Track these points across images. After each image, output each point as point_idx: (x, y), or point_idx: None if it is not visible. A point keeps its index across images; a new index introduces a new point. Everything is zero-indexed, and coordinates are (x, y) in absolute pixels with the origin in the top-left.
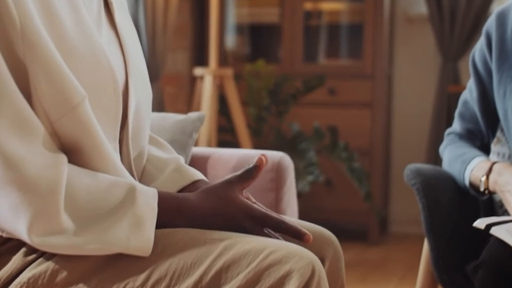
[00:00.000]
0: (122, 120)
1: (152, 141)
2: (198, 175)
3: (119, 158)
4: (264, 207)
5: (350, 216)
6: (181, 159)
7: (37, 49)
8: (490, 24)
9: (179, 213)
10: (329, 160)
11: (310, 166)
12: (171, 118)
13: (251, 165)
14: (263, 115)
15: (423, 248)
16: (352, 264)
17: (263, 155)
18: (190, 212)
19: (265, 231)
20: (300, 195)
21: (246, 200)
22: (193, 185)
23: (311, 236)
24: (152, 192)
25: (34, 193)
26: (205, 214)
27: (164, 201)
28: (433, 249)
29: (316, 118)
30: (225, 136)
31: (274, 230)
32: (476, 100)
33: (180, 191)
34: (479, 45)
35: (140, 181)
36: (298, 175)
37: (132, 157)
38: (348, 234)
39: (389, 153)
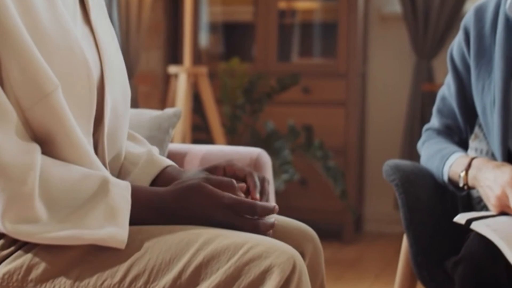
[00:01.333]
0: (98, 116)
1: (127, 136)
2: (167, 161)
3: (93, 151)
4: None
5: (325, 215)
6: (154, 150)
7: (9, 36)
8: (468, 19)
9: (151, 205)
10: (304, 159)
11: (285, 165)
12: (147, 114)
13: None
14: (238, 113)
15: (400, 245)
16: (328, 263)
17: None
18: (161, 204)
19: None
20: (275, 194)
21: (215, 189)
22: (164, 172)
23: (277, 207)
24: (125, 184)
25: (7, 179)
26: (175, 207)
27: (136, 193)
28: (412, 245)
29: (290, 117)
30: (200, 134)
31: (249, 215)
32: (454, 96)
33: (154, 180)
34: (457, 40)
35: (117, 177)
36: (273, 174)
37: (106, 154)
38: (323, 233)
39: (364, 151)
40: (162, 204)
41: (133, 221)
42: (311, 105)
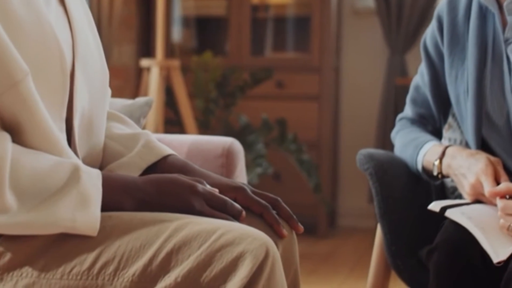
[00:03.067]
0: (71, 100)
1: (114, 117)
2: (167, 150)
3: (65, 138)
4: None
5: (299, 209)
6: (149, 134)
7: None
8: (441, 8)
9: (125, 192)
10: (278, 153)
11: (258, 158)
12: (119, 103)
13: None
14: (211, 107)
15: (375, 236)
16: (302, 257)
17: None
18: (135, 191)
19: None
20: None
21: (189, 179)
22: (163, 161)
23: (244, 213)
24: (96, 172)
25: None
26: (150, 193)
27: (108, 180)
28: (386, 234)
29: (264, 111)
30: (173, 128)
31: (219, 210)
32: (427, 85)
33: (150, 167)
34: (430, 29)
35: (105, 160)
36: (247, 168)
37: (77, 139)
38: None
39: (337, 145)
40: (137, 191)
41: (106, 208)
42: (285, 99)
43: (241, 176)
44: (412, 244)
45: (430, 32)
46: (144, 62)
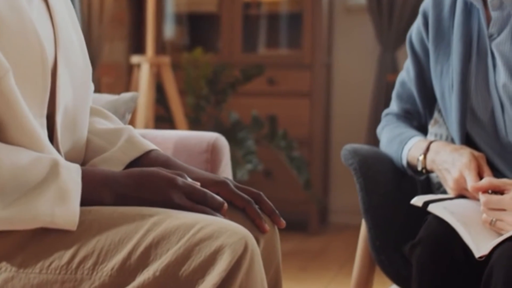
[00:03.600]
0: (53, 96)
1: (97, 112)
2: (150, 145)
3: (46, 134)
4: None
5: (290, 206)
6: (132, 129)
7: None
8: (426, 3)
9: (104, 186)
10: (268, 150)
11: (248, 155)
12: (104, 98)
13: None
14: (202, 104)
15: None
16: (292, 254)
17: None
18: (115, 185)
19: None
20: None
21: (169, 173)
22: (146, 156)
23: (226, 205)
24: (75, 167)
25: None
26: (130, 187)
27: (88, 175)
28: (371, 229)
29: (255, 108)
30: (163, 125)
31: (200, 203)
32: (413, 80)
33: (132, 162)
34: (416, 25)
35: (88, 155)
36: (237, 164)
37: (59, 134)
38: (288, 224)
39: (329, 142)
40: (117, 185)
41: (86, 203)
42: (276, 96)
43: (226, 171)
44: (396, 239)
45: (415, 28)
46: (134, 59)
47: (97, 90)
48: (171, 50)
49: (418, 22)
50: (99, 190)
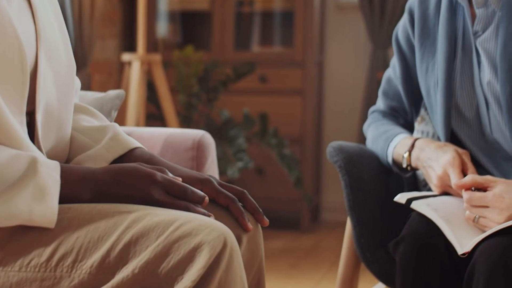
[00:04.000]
0: (33, 94)
1: (82, 110)
2: (135, 143)
3: (26, 132)
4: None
5: (282, 204)
6: (117, 127)
7: None
8: (412, 1)
9: (83, 183)
10: (260, 148)
11: (239, 153)
12: (90, 96)
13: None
14: (193, 102)
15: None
16: (284, 252)
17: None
18: (94, 182)
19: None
20: (230, 183)
21: (148, 169)
22: (130, 154)
23: (207, 198)
24: (54, 164)
25: None
26: (109, 184)
27: (67, 172)
28: (356, 226)
29: (247, 105)
30: (154, 123)
31: (181, 198)
32: (399, 78)
33: (117, 160)
34: (402, 23)
35: (72, 152)
36: (228, 162)
37: (40, 132)
38: (280, 222)
39: (321, 140)
40: (96, 182)
41: (66, 200)
42: (268, 93)
43: (212, 169)
44: (381, 237)
45: (401, 26)
46: (125, 57)
47: (89, 87)
48: (164, 48)
49: (404, 20)
50: (78, 187)
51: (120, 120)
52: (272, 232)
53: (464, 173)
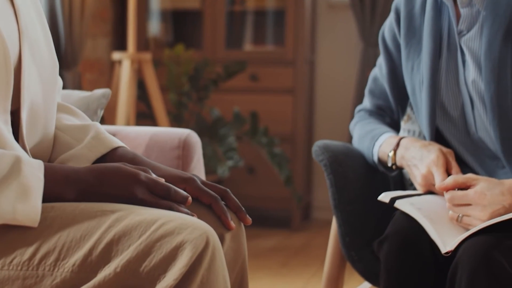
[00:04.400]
0: (18, 93)
1: (64, 109)
2: (117, 142)
3: (10, 131)
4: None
5: (274, 202)
6: (99, 126)
7: None
8: (398, 0)
9: (66, 182)
10: (250, 147)
11: (230, 151)
12: (76, 95)
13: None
14: (184, 100)
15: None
16: (275, 250)
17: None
18: (77, 181)
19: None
20: (221, 182)
21: (132, 168)
22: (113, 153)
23: (190, 198)
24: (38, 163)
25: None
26: (92, 183)
27: (50, 171)
28: (341, 225)
29: (238, 104)
30: (145, 122)
31: (164, 198)
32: (386, 76)
33: (99, 159)
34: (388, 22)
35: (55, 151)
36: (218, 161)
37: (25, 130)
38: (271, 221)
39: (312, 139)
40: (79, 181)
41: (49, 199)
42: (259, 92)
43: (197, 168)
44: (366, 236)
45: (388, 25)
46: (116, 55)
47: (79, 86)
48: (155, 47)
49: (390, 19)
50: (61, 186)
51: (110, 119)
52: (263, 230)
53: (448, 172)
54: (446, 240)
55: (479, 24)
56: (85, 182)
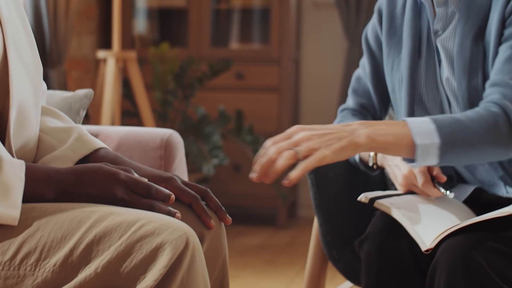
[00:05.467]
0: (3, 94)
1: (48, 112)
2: (99, 143)
3: None
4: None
5: (259, 200)
6: (82, 128)
7: None
8: (381, 1)
9: (47, 182)
10: (236, 144)
11: (215, 150)
12: (58, 95)
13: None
14: (169, 99)
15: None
16: (260, 248)
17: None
18: (58, 181)
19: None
20: (206, 180)
21: (112, 168)
22: (95, 154)
23: (173, 196)
24: (19, 163)
25: None
26: (73, 183)
27: (31, 170)
28: (322, 224)
29: (223, 102)
30: (131, 120)
31: (145, 196)
32: (368, 76)
33: (81, 160)
34: (372, 23)
35: (38, 153)
36: (203, 159)
37: (12, 132)
38: (256, 219)
39: None
40: (60, 181)
41: (30, 199)
42: (245, 90)
43: (179, 168)
44: (347, 235)
45: (371, 25)
46: (101, 54)
47: (65, 84)
48: (141, 45)
49: (373, 20)
50: (42, 186)
51: (95, 117)
52: (249, 228)
53: (429, 172)
54: (426, 238)
55: (454, 24)
56: (65, 182)
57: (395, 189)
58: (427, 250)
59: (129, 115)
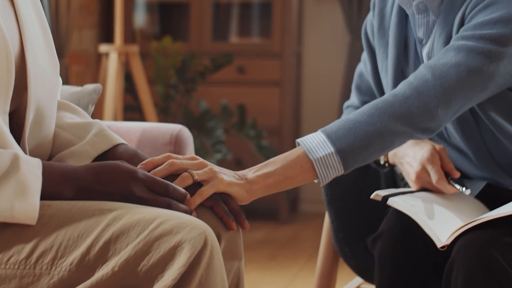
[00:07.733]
0: (19, 92)
1: (64, 106)
2: (119, 139)
3: (9, 131)
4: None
5: None
6: (102, 123)
7: None
8: None
9: (64, 180)
10: (238, 139)
11: (218, 144)
12: (66, 90)
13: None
14: (171, 93)
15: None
16: (262, 243)
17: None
18: (75, 179)
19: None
20: None
21: (130, 166)
22: (114, 150)
23: (188, 195)
24: (36, 161)
25: None
26: (90, 181)
27: (49, 169)
28: (334, 221)
29: (225, 97)
30: (133, 115)
31: (162, 194)
32: (370, 72)
33: (101, 156)
34: (369, 18)
35: (55, 149)
36: (206, 153)
37: (27, 132)
38: (259, 214)
39: (299, 131)
40: (78, 179)
41: (47, 198)
42: (246, 84)
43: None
44: (359, 231)
45: (369, 21)
46: (103, 48)
47: (66, 79)
48: (142, 39)
49: (370, 15)
50: (59, 184)
51: (98, 112)
52: (251, 223)
53: (443, 169)
54: (441, 235)
55: (433, 35)
56: (83, 180)
57: (405, 185)
58: (443, 247)
59: (131, 109)
